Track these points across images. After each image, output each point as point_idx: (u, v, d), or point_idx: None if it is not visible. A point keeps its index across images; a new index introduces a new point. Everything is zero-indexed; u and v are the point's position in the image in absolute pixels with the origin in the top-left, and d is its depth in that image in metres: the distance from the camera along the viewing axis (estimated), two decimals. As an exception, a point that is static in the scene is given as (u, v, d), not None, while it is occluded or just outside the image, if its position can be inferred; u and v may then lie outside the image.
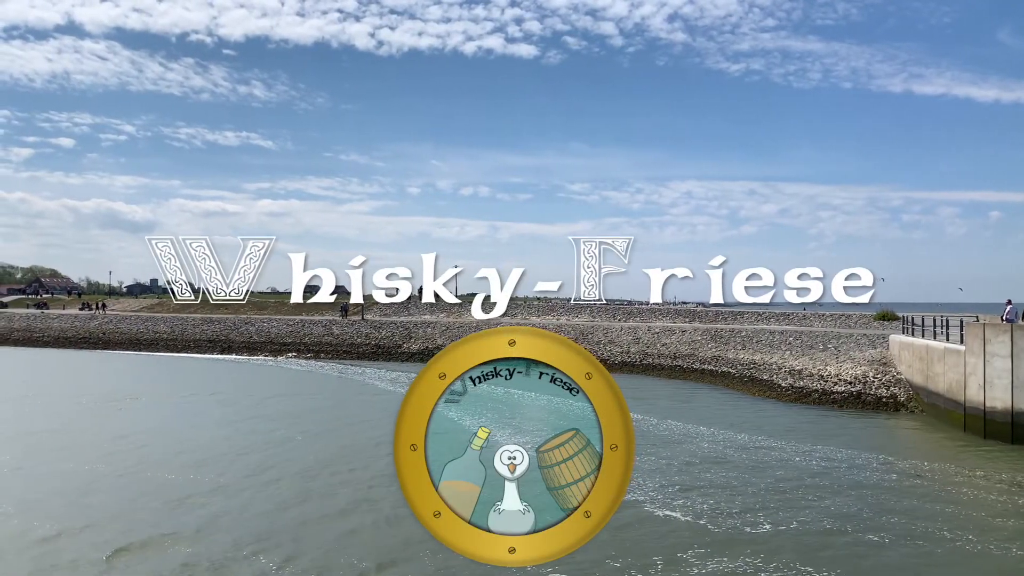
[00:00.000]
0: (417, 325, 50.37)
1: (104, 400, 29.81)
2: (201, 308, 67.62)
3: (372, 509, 14.57)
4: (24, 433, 22.81)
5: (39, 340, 59.51)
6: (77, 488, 16.12)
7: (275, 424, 24.29)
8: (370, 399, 30.44)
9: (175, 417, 26.17)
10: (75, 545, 12.41)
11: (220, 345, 52.08)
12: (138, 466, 18.19)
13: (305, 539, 12.79)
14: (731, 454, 19.56)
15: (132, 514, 14.19)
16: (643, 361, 39.60)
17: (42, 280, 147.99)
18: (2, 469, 17.91)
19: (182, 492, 15.79)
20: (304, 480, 17.00)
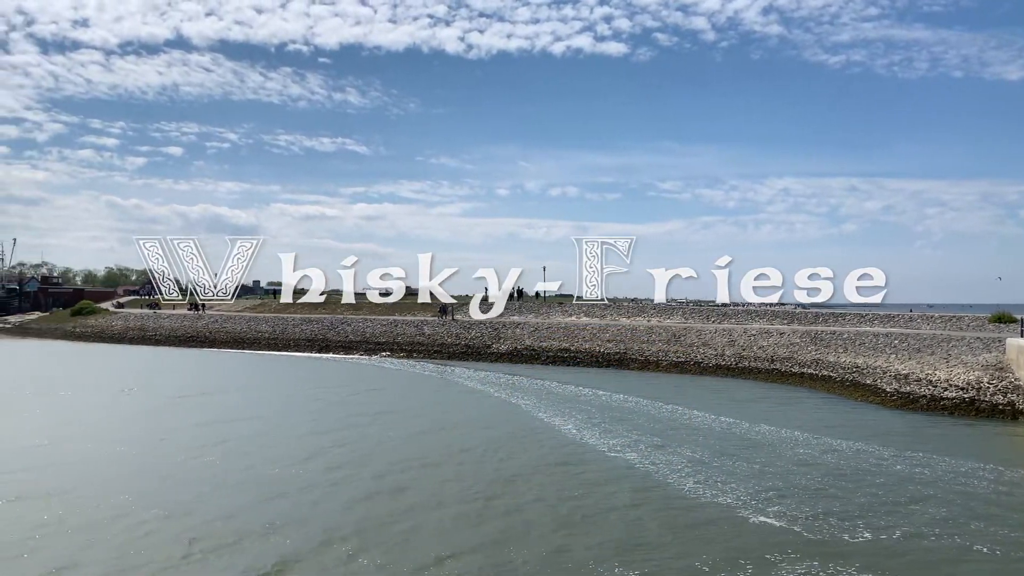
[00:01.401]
0: (506, 326, 50.56)
1: (208, 393, 31.28)
2: (300, 308, 70.04)
3: (452, 506, 14.64)
4: (132, 423, 24.15)
5: (151, 338, 62.98)
6: (173, 476, 16.89)
7: (368, 419, 24.81)
8: (462, 397, 30.71)
9: (276, 410, 27.11)
10: (162, 529, 12.99)
11: (318, 344, 53.73)
12: (235, 456, 18.92)
13: (383, 534, 12.95)
14: (829, 460, 18.70)
15: (226, 501, 14.76)
16: (739, 364, 38.48)
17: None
18: (111, 456, 18.98)
19: (275, 481, 16.31)
20: (395, 474, 17.24)
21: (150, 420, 25.00)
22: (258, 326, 61.04)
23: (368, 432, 22.71)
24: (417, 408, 27.96)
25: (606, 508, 14.46)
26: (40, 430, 22.34)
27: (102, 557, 11.75)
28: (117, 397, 30.50)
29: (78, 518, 13.60)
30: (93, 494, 15.25)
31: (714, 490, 15.65)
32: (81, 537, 12.62)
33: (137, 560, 11.61)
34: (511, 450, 20.01)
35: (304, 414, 26.43)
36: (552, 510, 14.41)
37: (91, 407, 27.74)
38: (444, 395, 31.76)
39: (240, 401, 29.83)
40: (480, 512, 14.31)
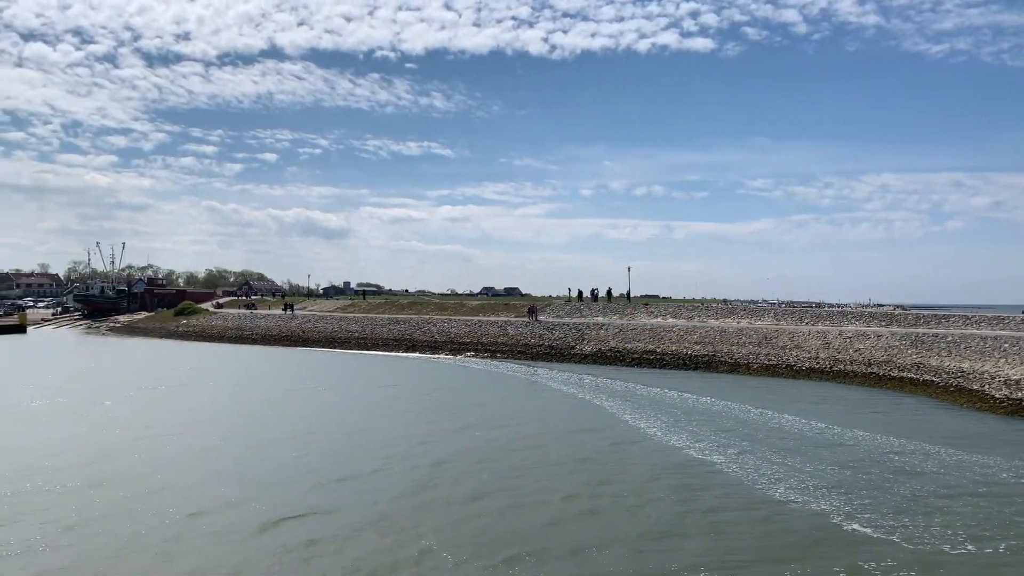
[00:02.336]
0: (589, 327, 50.25)
1: (307, 389, 32.35)
2: (388, 308, 71.61)
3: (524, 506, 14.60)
4: (232, 414, 25.20)
5: (248, 338, 65.57)
6: (271, 470, 17.49)
7: (450, 417, 25.09)
8: (544, 397, 30.66)
9: (364, 406, 27.76)
10: (240, 516, 13.46)
11: (405, 344, 54.74)
12: (321, 448, 19.48)
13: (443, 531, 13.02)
14: (929, 468, 17.74)
15: (304, 489, 15.19)
16: (833, 367, 37.04)
17: (251, 283, 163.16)
18: (211, 443, 19.86)
19: (351, 472, 16.69)
20: (471, 472, 17.34)
21: (254, 413, 26.05)
22: (348, 326, 62.68)
23: (449, 431, 22.97)
24: (497, 407, 28.08)
25: (690, 512, 14.15)
26: (155, 422, 23.59)
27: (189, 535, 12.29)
28: (229, 391, 31.90)
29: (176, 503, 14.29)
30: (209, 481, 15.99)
31: (805, 496, 15.09)
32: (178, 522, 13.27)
33: (213, 542, 12.10)
34: (594, 451, 19.84)
35: (390, 412, 26.95)
36: (633, 513, 14.19)
37: (199, 401, 29.12)
38: (526, 395, 31.78)
39: (332, 397, 30.67)
40: (557, 513, 14.25)
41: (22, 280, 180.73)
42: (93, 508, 14.18)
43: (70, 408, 27.05)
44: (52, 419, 24.65)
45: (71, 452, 19.13)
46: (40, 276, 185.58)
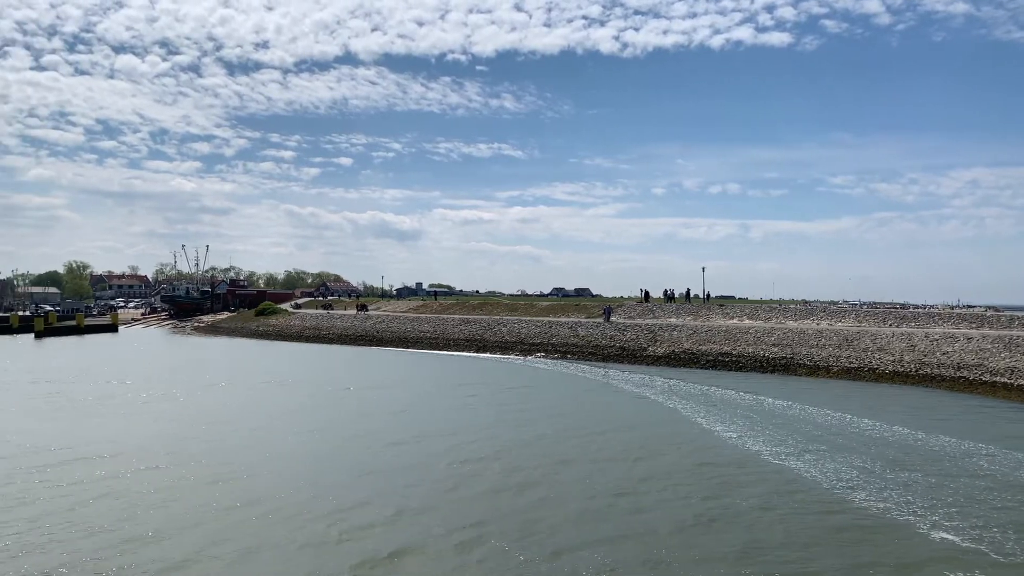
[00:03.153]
0: (662, 328, 49.51)
1: (382, 387, 32.95)
2: (459, 309, 72.21)
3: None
4: (312, 410, 25.83)
5: (325, 337, 67.13)
6: (338, 464, 17.82)
7: (518, 416, 25.08)
8: (615, 398, 30.35)
9: (433, 403, 28.05)
10: (315, 507, 13.73)
11: (476, 344, 55.06)
12: (387, 444, 19.74)
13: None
14: (1023, 477, 16.76)
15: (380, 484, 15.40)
16: (919, 371, 35.48)
17: (327, 284, 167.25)
18: (285, 437, 20.39)
19: (417, 469, 16.83)
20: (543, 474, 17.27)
21: (330, 409, 26.67)
22: (420, 326, 63.47)
23: (516, 430, 22.95)
24: (566, 407, 27.92)
25: (767, 514, 13.73)
26: (239, 415, 24.40)
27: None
28: (308, 389, 32.80)
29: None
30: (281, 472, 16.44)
31: (887, 503, 14.47)
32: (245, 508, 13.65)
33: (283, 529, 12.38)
34: (665, 452, 19.51)
35: (460, 410, 27.13)
36: (709, 518, 13.86)
37: (277, 397, 30.00)
38: (595, 395, 31.50)
39: (404, 395, 31.09)
40: (625, 514, 14.04)
41: (114, 281, 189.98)
42: (184, 496, 14.76)
43: (167, 402, 28.24)
44: (143, 413, 25.78)
45: (157, 444, 19.97)
46: (130, 277, 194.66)
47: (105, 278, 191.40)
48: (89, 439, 20.77)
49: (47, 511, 13.80)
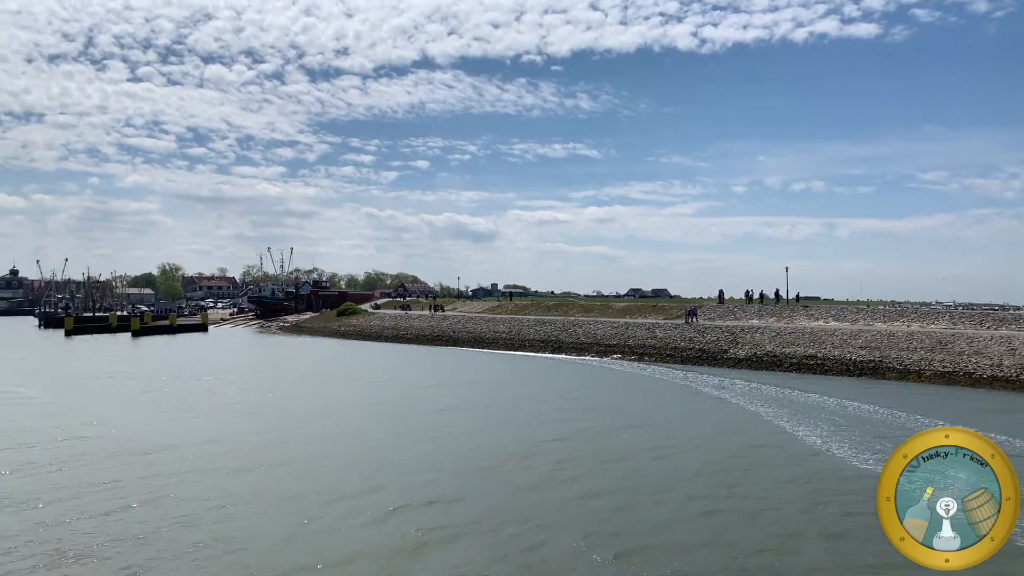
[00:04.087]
0: (744, 330, 48.21)
1: (450, 384, 33.20)
2: (534, 310, 72.16)
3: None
4: (384, 406, 26.20)
5: (403, 337, 68.14)
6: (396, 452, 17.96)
7: (591, 417, 24.78)
8: (691, 400, 29.68)
9: (507, 402, 28.03)
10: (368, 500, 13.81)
11: (551, 345, 54.85)
12: (454, 441, 19.78)
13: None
14: None
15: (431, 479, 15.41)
16: (1020, 376, 33.44)
17: (405, 285, 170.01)
18: (361, 431, 20.68)
19: (477, 466, 16.74)
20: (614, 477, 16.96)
21: (407, 406, 27.03)
22: (495, 327, 63.67)
23: (586, 430, 22.67)
24: (641, 408, 27.44)
25: (854, 520, 13.06)
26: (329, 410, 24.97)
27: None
28: (384, 385, 33.34)
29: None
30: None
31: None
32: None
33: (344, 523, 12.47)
34: (750, 457, 18.89)
35: (533, 409, 27.00)
36: (798, 530, 13.30)
37: (357, 393, 30.55)
38: (672, 397, 30.86)
39: (478, 393, 31.20)
40: (700, 522, 13.59)
41: (204, 282, 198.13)
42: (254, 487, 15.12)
43: (256, 398, 29.15)
44: (233, 408, 26.65)
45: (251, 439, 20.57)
46: (219, 279, 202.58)
47: (196, 279, 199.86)
48: (182, 432, 21.65)
49: (139, 501, 14.35)
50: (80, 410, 26.38)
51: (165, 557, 11.54)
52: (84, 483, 15.89)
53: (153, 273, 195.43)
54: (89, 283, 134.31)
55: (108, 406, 27.60)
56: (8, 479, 16.43)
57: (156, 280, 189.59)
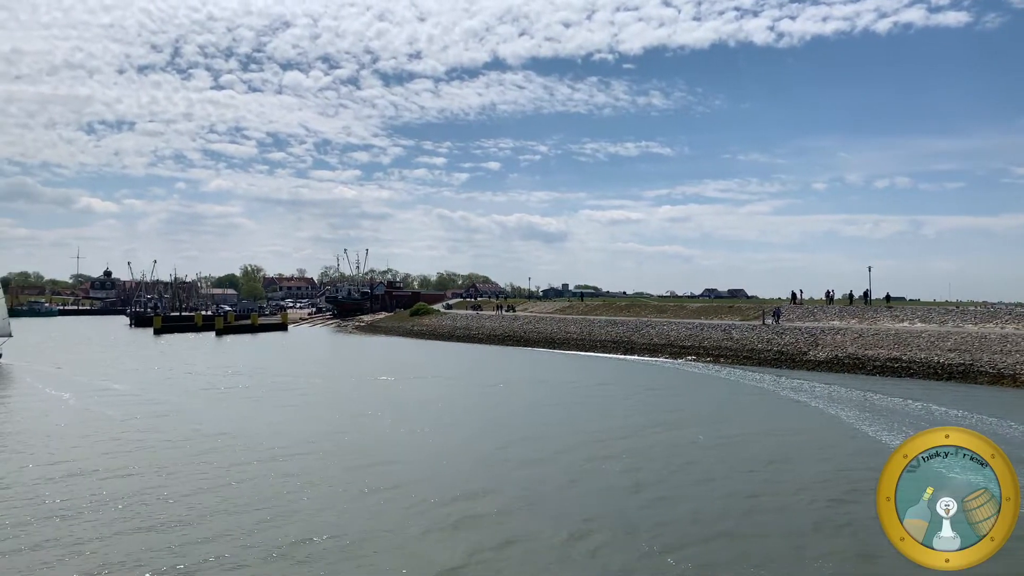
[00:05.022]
0: (824, 331, 46.71)
1: (519, 384, 33.28)
2: (606, 310, 71.65)
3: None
4: (458, 404, 26.49)
5: (474, 337, 68.64)
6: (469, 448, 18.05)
7: (663, 420, 24.43)
8: (770, 403, 28.93)
9: (575, 401, 27.91)
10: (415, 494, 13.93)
11: (623, 346, 54.34)
12: (531, 446, 19.76)
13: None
14: None
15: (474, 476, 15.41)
16: (1126, 381, 31.40)
17: (476, 285, 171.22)
18: (431, 429, 20.95)
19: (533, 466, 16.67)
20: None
21: (481, 406, 27.23)
22: (566, 327, 63.48)
23: (665, 433, 22.34)
24: (719, 410, 26.88)
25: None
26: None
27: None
28: (457, 384, 33.75)
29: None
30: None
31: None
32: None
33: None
34: (827, 462, 18.30)
35: (605, 410, 26.81)
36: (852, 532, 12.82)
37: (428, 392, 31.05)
38: (748, 399, 30.14)
39: (546, 393, 31.17)
40: (775, 530, 13.21)
41: (284, 283, 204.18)
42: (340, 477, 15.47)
43: (333, 394, 29.89)
44: (311, 403, 27.40)
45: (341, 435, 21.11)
46: (298, 280, 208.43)
47: (276, 280, 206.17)
48: (260, 426, 22.37)
49: (219, 484, 14.95)
50: (165, 404, 27.63)
51: (239, 532, 11.97)
52: (164, 471, 16.66)
53: (236, 274, 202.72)
54: (176, 284, 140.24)
55: (194, 401, 28.86)
56: (97, 472, 17.27)
57: (238, 281, 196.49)
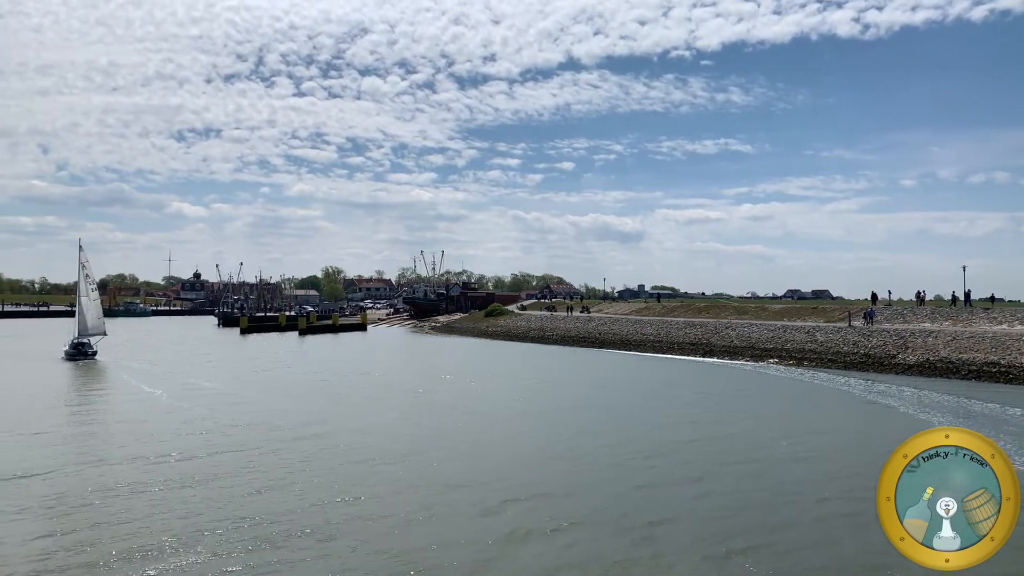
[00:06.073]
0: (915, 334, 44.67)
1: (597, 386, 33.01)
2: (684, 311, 70.44)
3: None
4: (531, 405, 26.42)
5: (548, 338, 68.54)
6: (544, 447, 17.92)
7: (743, 426, 23.81)
8: (852, 408, 27.84)
9: (647, 403, 27.48)
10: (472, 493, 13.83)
11: (702, 348, 53.29)
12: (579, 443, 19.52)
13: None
14: None
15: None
16: None
17: (550, 286, 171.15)
18: (499, 429, 20.94)
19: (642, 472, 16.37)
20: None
21: (551, 407, 27.17)
22: (642, 329, 62.67)
23: (744, 440, 21.76)
24: (803, 416, 26.02)
25: None
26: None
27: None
28: (529, 386, 33.78)
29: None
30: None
31: None
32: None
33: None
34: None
35: (681, 416, 26.33)
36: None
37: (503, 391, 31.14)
38: (830, 404, 29.07)
39: (621, 396, 30.80)
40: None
41: (363, 284, 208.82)
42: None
43: (411, 392, 30.35)
44: (389, 399, 27.85)
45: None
46: (376, 281, 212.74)
47: (355, 281, 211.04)
48: (343, 419, 22.85)
49: (291, 479, 15.32)
50: (253, 402, 28.55)
51: (317, 523, 12.20)
52: (247, 464, 17.14)
53: (317, 276, 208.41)
54: (261, 285, 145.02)
55: (281, 398, 29.73)
56: (187, 462, 17.91)
57: (320, 282, 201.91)
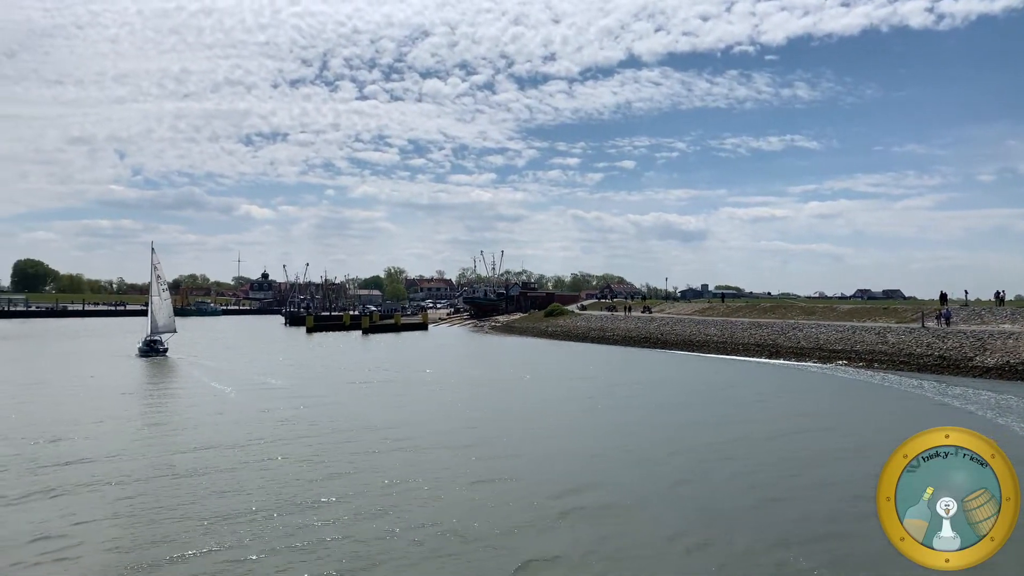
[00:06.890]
0: (993, 335, 42.84)
1: (663, 387, 32.67)
2: (749, 312, 69.09)
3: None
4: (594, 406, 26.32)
5: (609, 338, 68.07)
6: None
7: (796, 424, 23.23)
8: (927, 413, 26.88)
9: (709, 406, 27.06)
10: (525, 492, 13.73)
11: (767, 350, 52.16)
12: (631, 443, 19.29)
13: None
14: None
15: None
16: None
17: (611, 286, 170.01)
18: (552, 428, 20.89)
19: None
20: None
21: (612, 409, 27.04)
22: (705, 329, 61.72)
23: (809, 445, 21.22)
24: (871, 422, 25.23)
25: None
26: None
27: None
28: (598, 388, 33.64)
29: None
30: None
31: None
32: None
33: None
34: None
35: (747, 417, 25.86)
36: None
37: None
38: (901, 408, 28.10)
39: (684, 398, 30.41)
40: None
41: (424, 284, 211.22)
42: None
43: (469, 392, 30.63)
44: (449, 398, 28.14)
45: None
46: (437, 281, 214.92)
47: (417, 281, 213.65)
48: (401, 416, 23.17)
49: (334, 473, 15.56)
50: (320, 398, 29.20)
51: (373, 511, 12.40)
52: (310, 459, 17.49)
53: (380, 276, 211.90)
54: (326, 285, 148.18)
55: (347, 396, 30.30)
56: (254, 460, 18.39)
57: (382, 282, 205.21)
